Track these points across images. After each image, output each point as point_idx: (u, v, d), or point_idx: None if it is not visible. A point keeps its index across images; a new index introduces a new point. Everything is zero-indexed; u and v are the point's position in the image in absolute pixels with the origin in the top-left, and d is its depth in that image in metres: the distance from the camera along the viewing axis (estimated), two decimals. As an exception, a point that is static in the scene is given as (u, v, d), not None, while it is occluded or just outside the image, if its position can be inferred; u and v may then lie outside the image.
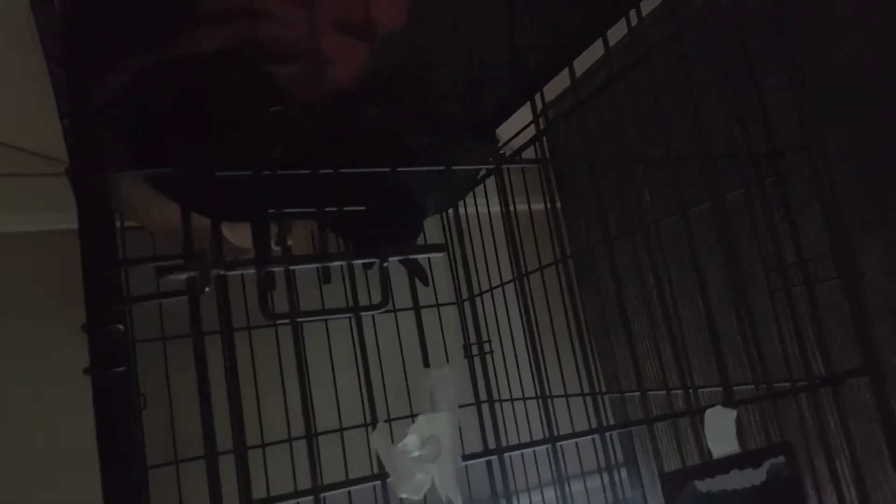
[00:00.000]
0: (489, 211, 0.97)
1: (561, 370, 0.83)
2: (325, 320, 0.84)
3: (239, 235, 0.80)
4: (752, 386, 0.51)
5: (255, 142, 0.56)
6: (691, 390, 0.61)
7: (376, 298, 0.36)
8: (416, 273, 0.83)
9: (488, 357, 0.96)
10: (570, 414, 0.84)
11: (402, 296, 0.95)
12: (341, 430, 0.87)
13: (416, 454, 0.33)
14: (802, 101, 0.58)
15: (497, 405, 0.94)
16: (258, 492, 0.48)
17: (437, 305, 0.98)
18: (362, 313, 0.36)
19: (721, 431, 0.39)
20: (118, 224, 0.81)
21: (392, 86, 0.65)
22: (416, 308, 0.42)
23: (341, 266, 0.38)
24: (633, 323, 0.84)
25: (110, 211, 0.32)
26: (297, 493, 0.33)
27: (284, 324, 0.35)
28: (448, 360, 0.95)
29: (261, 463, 0.83)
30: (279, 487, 0.80)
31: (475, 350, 0.96)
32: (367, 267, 0.66)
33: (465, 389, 0.97)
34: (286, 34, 0.56)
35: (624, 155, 0.68)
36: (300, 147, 0.60)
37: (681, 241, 0.71)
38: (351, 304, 0.37)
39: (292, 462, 0.84)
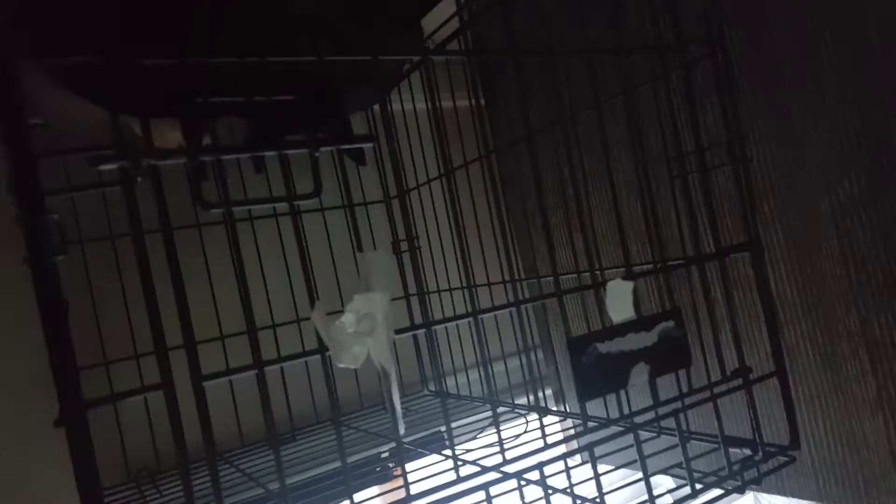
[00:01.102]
0: (414, 108, 0.98)
1: (485, 262, 0.87)
2: (258, 210, 0.85)
3: (164, 137, 0.77)
4: (651, 264, 0.58)
5: (179, 30, 0.53)
6: (598, 271, 0.67)
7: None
8: (353, 154, 0.83)
9: (417, 253, 0.99)
10: (492, 301, 0.90)
11: (329, 196, 0.96)
12: (273, 326, 0.90)
13: (353, 329, 0.36)
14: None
15: (427, 298, 0.99)
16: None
17: (366, 203, 1.00)
18: (297, 202, 0.37)
19: (620, 301, 0.44)
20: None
21: None
22: (349, 206, 0.44)
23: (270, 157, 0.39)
24: (550, 215, 0.89)
25: (20, 100, 0.31)
26: (243, 368, 0.36)
27: (217, 213, 0.36)
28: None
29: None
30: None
31: (404, 246, 1.00)
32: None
33: (395, 286, 1.01)
34: None
35: (544, 47, 0.69)
36: (224, 36, 0.58)
37: (596, 134, 0.75)
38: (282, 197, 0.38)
39: (226, 359, 0.86)
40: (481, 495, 0.41)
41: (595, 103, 0.60)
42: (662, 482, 1.03)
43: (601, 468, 0.48)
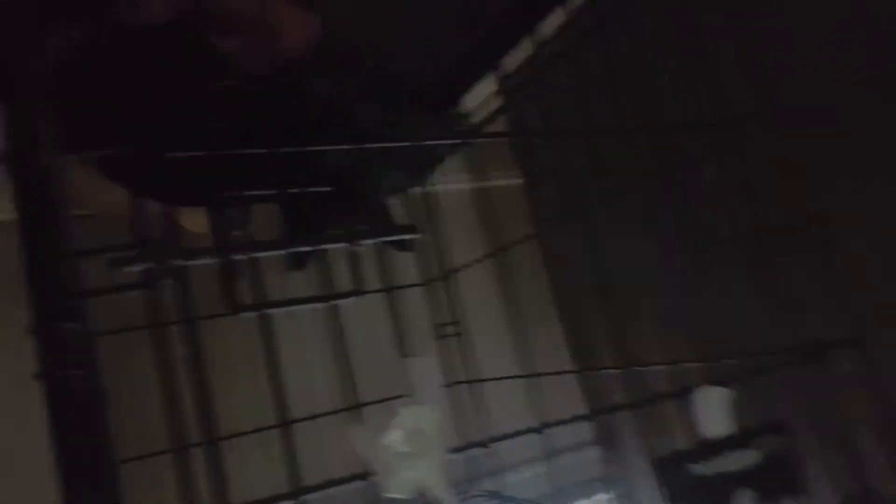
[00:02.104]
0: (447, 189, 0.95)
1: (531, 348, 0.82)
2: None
3: (194, 220, 0.76)
4: (733, 361, 0.51)
5: (202, 120, 0.52)
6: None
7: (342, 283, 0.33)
8: (396, 242, 0.79)
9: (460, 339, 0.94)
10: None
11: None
12: (314, 417, 0.84)
13: (402, 450, 0.31)
14: (755, 68, 0.57)
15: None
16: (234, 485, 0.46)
17: (409, 286, 0.95)
18: (336, 301, 0.33)
19: (713, 411, 0.38)
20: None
21: (344, 55, 0.62)
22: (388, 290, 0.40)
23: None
24: (590, 300, 0.84)
25: (56, 197, 0.28)
26: (279, 497, 0.31)
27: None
28: (416, 345, 0.92)
29: (234, 457, 0.79)
30: (255, 481, 0.76)
31: (448, 331, 0.95)
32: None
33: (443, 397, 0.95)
34: (232, 6, 0.52)
35: (586, 126, 0.66)
36: (249, 125, 0.57)
37: (644, 215, 0.70)
38: (321, 292, 0.34)
39: (266, 456, 0.80)
40: None
41: (633, 183, 0.56)
42: None
43: None
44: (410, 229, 0.35)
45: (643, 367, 0.68)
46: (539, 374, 0.79)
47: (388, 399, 0.85)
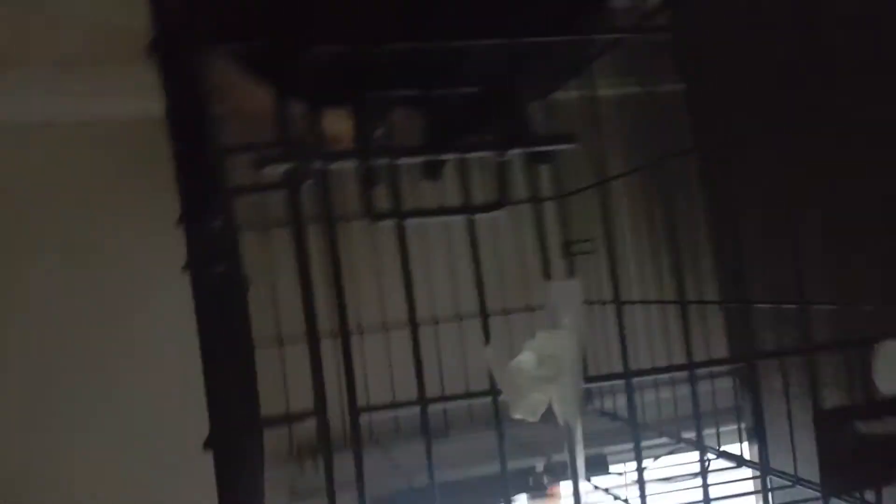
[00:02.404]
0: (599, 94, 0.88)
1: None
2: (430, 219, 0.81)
3: (336, 123, 0.76)
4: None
5: (349, 12, 0.50)
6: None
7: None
8: (538, 153, 0.75)
9: (593, 256, 0.90)
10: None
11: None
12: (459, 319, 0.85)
13: (534, 373, 0.29)
14: None
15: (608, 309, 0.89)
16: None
17: (551, 198, 0.91)
18: (476, 215, 0.31)
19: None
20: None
21: None
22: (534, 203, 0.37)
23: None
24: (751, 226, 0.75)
25: (203, 93, 0.28)
26: (406, 403, 0.31)
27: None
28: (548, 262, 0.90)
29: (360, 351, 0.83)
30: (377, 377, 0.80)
31: (587, 247, 0.91)
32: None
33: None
34: None
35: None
36: (396, 17, 0.54)
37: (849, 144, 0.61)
38: (461, 202, 0.32)
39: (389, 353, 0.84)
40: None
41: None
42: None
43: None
44: (569, 138, 0.32)
45: (813, 304, 0.60)
46: (687, 302, 0.74)
47: (518, 312, 0.85)
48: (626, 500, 0.47)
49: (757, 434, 0.71)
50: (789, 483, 0.57)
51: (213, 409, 0.28)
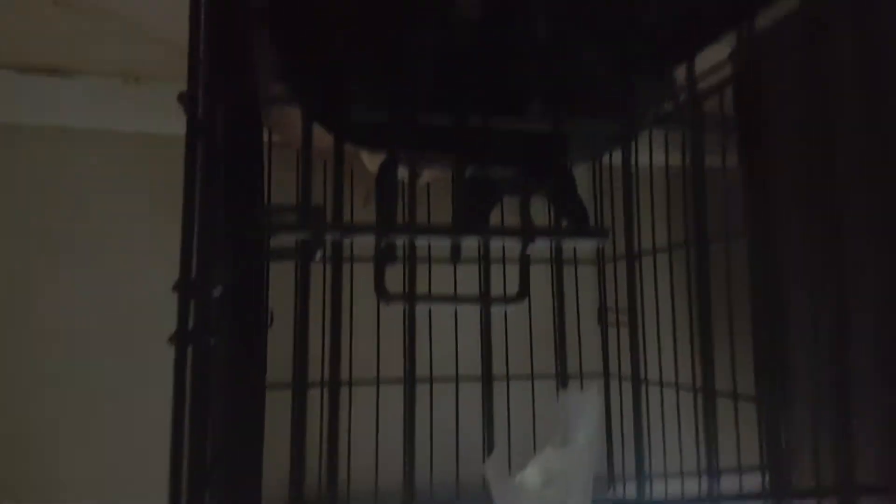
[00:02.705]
0: (651, 163, 0.86)
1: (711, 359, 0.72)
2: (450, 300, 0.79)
3: (376, 163, 0.76)
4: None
5: (407, 59, 0.49)
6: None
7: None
8: (576, 218, 0.73)
9: (625, 330, 0.86)
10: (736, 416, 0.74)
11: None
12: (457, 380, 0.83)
13: (538, 493, 0.26)
14: None
15: (626, 385, 0.85)
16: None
17: (575, 263, 0.89)
18: (493, 306, 0.29)
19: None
20: (266, 139, 0.79)
21: None
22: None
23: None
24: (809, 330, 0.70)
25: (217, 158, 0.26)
26: None
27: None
28: (579, 327, 0.87)
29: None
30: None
31: (618, 319, 0.88)
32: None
33: (596, 360, 0.89)
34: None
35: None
36: (457, 73, 0.53)
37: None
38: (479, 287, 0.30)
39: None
40: None
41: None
42: None
43: None
44: (602, 232, 0.29)
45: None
46: (715, 393, 0.70)
47: (543, 378, 0.82)
48: None
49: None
50: None
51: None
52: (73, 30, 0.73)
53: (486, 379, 0.29)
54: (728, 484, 0.77)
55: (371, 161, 0.76)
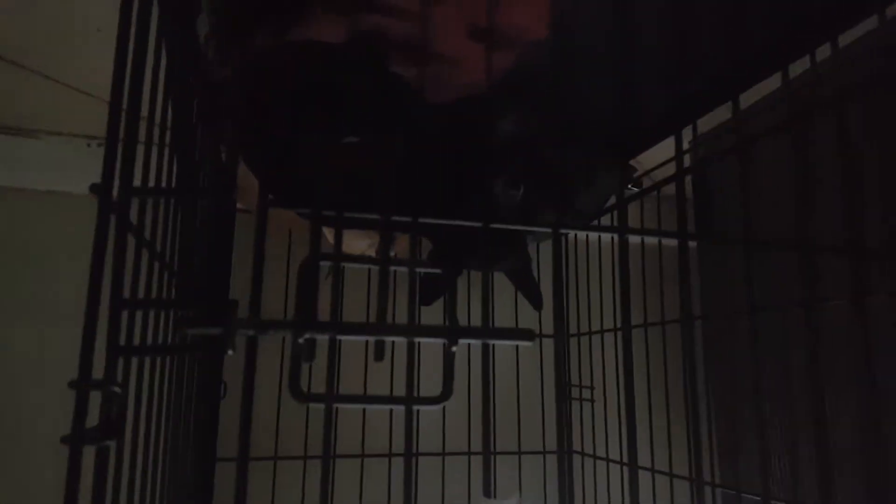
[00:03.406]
0: (612, 241, 0.87)
1: (669, 441, 0.71)
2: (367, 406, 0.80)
3: (349, 240, 0.76)
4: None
5: (376, 146, 0.51)
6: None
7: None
8: (530, 295, 0.74)
9: (586, 405, 0.86)
10: (672, 492, 0.73)
11: (502, 313, 0.87)
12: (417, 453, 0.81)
13: None
14: None
15: (579, 459, 0.84)
16: None
17: (541, 336, 0.89)
18: (416, 407, 0.28)
19: None
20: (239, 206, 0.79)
21: (530, 94, 0.58)
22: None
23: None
24: (766, 410, 0.70)
25: (121, 246, 0.26)
26: None
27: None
28: (543, 399, 0.86)
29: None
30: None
31: (575, 393, 0.87)
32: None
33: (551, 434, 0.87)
34: (413, 34, 0.50)
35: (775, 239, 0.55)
36: (422, 150, 0.55)
37: (850, 327, 0.57)
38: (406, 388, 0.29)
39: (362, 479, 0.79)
40: None
41: (854, 297, 0.45)
42: None
43: None
44: (528, 335, 0.29)
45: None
46: (673, 476, 0.69)
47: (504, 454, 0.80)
48: None
49: None
50: None
51: None
52: (37, 93, 0.74)
53: (408, 480, 0.28)
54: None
55: (333, 236, 0.76)
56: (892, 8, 0.40)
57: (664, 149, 0.70)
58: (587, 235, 0.91)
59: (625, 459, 0.80)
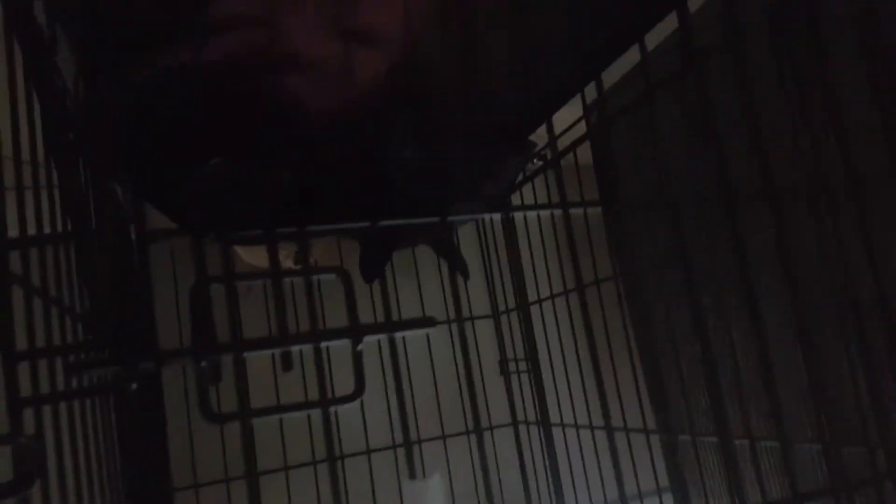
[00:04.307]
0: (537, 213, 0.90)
1: (620, 395, 0.75)
2: (283, 415, 0.80)
3: (255, 254, 0.75)
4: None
5: (267, 165, 0.51)
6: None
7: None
8: (455, 265, 0.76)
9: (524, 376, 0.89)
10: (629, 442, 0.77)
11: (434, 304, 0.88)
12: (368, 452, 0.82)
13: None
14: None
15: (536, 429, 0.87)
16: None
17: (472, 318, 0.91)
18: (332, 407, 0.29)
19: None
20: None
21: (418, 91, 0.59)
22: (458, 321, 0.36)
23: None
24: (682, 349, 0.75)
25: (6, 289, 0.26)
26: None
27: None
28: (483, 378, 0.88)
29: (283, 488, 0.79)
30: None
31: (513, 367, 0.90)
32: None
33: (503, 410, 0.90)
34: (295, 45, 0.50)
35: (666, 192, 0.58)
36: (319, 160, 0.55)
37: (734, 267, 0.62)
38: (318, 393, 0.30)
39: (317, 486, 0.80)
40: None
41: (736, 246, 0.48)
42: None
43: None
44: (427, 322, 0.30)
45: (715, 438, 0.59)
46: (612, 429, 0.72)
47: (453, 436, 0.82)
48: None
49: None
50: None
51: None
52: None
53: (335, 486, 0.29)
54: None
55: (246, 252, 0.75)
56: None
57: (563, 117, 0.72)
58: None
59: (566, 421, 0.83)
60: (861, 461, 0.48)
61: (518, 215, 0.91)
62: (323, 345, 0.29)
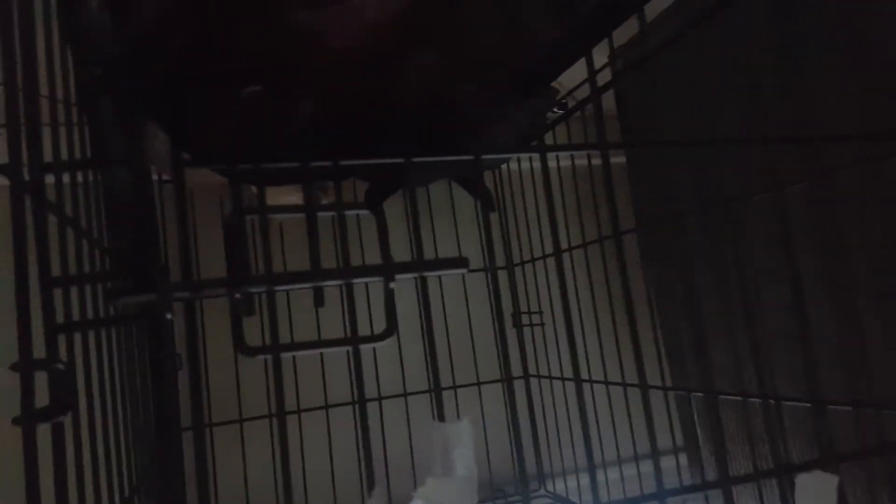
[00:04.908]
0: (557, 164, 0.89)
1: (619, 351, 0.75)
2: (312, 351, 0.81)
3: (281, 194, 0.75)
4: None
5: (281, 94, 0.50)
6: (772, 401, 0.53)
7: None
8: (480, 198, 0.76)
9: (534, 329, 0.89)
10: (610, 401, 0.78)
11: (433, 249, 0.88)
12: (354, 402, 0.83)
13: (419, 524, 0.27)
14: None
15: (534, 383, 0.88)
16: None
17: (487, 269, 0.91)
18: (362, 345, 0.29)
19: (818, 500, 0.31)
20: (155, 177, 0.77)
21: (439, 30, 0.57)
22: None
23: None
24: (703, 305, 0.74)
25: (42, 220, 0.26)
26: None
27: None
28: (471, 330, 0.89)
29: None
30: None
31: (524, 320, 0.90)
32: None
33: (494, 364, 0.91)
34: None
35: (698, 136, 0.57)
36: (334, 98, 0.54)
37: (770, 219, 0.61)
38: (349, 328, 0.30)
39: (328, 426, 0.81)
40: None
41: (773, 187, 0.47)
42: None
43: None
44: (461, 262, 0.30)
45: (737, 397, 0.59)
46: (648, 386, 0.73)
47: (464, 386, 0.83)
48: None
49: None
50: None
51: None
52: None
53: (363, 424, 0.29)
54: (646, 468, 0.80)
55: (279, 196, 0.75)
56: None
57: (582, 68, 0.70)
58: (524, 163, 0.92)
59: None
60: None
61: (537, 164, 0.89)
62: (356, 282, 0.29)
